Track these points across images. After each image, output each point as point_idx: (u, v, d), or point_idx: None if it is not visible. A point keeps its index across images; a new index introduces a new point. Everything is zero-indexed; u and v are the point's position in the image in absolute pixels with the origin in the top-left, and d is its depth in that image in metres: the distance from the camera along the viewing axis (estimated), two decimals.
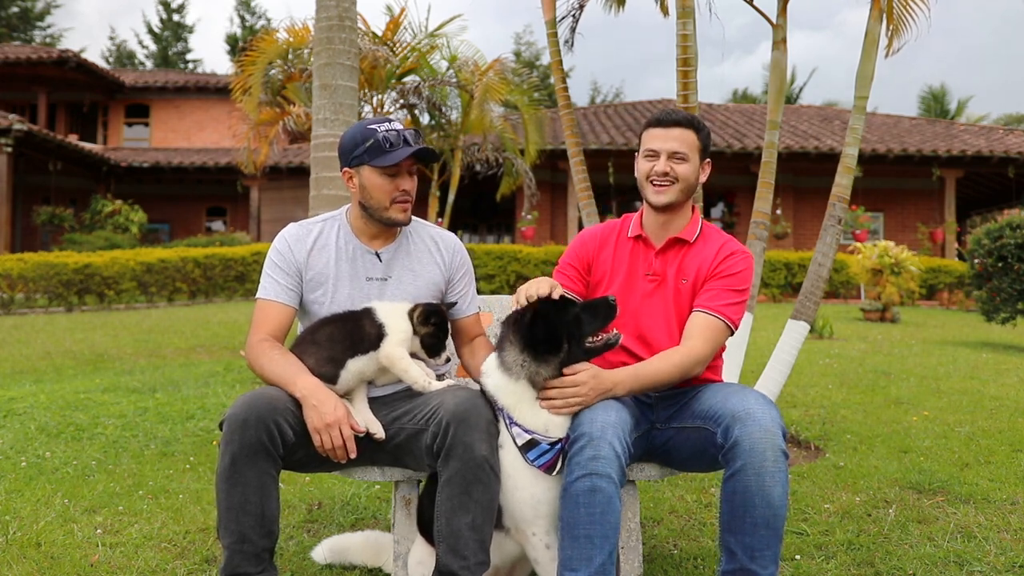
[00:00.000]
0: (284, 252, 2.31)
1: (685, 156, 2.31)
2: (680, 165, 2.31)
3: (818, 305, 4.03)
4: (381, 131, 2.22)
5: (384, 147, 2.21)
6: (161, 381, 5.77)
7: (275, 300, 2.28)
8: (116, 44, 38.81)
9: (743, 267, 2.31)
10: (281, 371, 2.12)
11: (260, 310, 2.28)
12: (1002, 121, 30.93)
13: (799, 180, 18.51)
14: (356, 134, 2.26)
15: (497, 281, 14.73)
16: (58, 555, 2.62)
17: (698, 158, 2.35)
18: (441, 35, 11.15)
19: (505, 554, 2.19)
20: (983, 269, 9.53)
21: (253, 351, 2.21)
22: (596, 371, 2.10)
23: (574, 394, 2.06)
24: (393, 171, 2.24)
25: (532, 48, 36.84)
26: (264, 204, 20.14)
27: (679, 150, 2.31)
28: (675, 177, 2.31)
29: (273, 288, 2.28)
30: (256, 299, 2.32)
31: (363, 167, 2.25)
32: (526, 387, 2.08)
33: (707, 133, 2.38)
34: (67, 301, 13.30)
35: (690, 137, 2.32)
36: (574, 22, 4.93)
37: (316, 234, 2.34)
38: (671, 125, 2.34)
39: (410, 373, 2.20)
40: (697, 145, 2.34)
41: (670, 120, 2.34)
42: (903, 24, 4.30)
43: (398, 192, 2.26)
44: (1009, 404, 5.01)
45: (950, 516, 2.98)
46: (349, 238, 2.34)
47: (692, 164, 2.33)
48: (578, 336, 2.09)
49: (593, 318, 2.11)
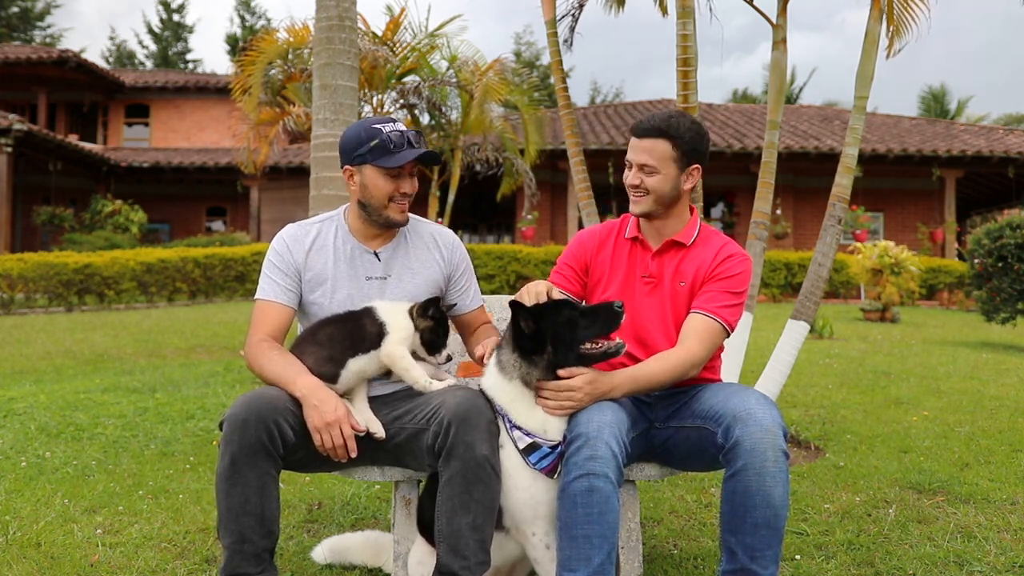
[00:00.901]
0: (283, 253, 2.30)
1: (654, 168, 2.25)
2: (649, 177, 2.25)
3: (818, 305, 4.03)
4: (386, 131, 2.22)
5: (389, 148, 2.21)
6: (161, 381, 5.77)
7: (274, 301, 2.27)
8: (116, 44, 38.85)
9: (741, 269, 2.29)
10: (281, 371, 2.12)
11: (259, 311, 2.28)
12: (1002, 121, 30.93)
13: (799, 180, 18.51)
14: (360, 132, 2.26)
15: (497, 281, 14.73)
16: (58, 555, 2.62)
17: (674, 168, 2.26)
18: (441, 35, 11.15)
19: (506, 554, 2.19)
20: (983, 269, 9.52)
21: (252, 351, 2.21)
22: (594, 376, 2.07)
23: (568, 397, 2.06)
24: (396, 172, 2.24)
25: (532, 48, 36.88)
26: (264, 204, 20.14)
27: (647, 162, 2.25)
28: (645, 189, 2.27)
29: (272, 289, 2.28)
30: (255, 300, 2.32)
31: (366, 166, 2.25)
32: (520, 387, 2.08)
33: (689, 139, 2.25)
34: (67, 301, 13.30)
35: (661, 147, 2.24)
36: (574, 22, 4.93)
37: (314, 235, 2.34)
38: (641, 135, 2.26)
39: (411, 373, 2.19)
40: (671, 155, 2.24)
41: (640, 129, 2.26)
42: (904, 24, 4.30)
43: (398, 194, 2.26)
44: (1009, 404, 5.01)
45: (950, 516, 2.98)
46: (347, 238, 2.34)
47: (664, 175, 2.25)
48: (569, 339, 2.05)
49: (592, 323, 2.07)
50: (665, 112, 2.30)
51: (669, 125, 2.25)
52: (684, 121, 2.27)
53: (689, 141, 2.26)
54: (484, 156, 13.07)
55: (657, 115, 2.29)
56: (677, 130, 2.25)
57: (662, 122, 2.25)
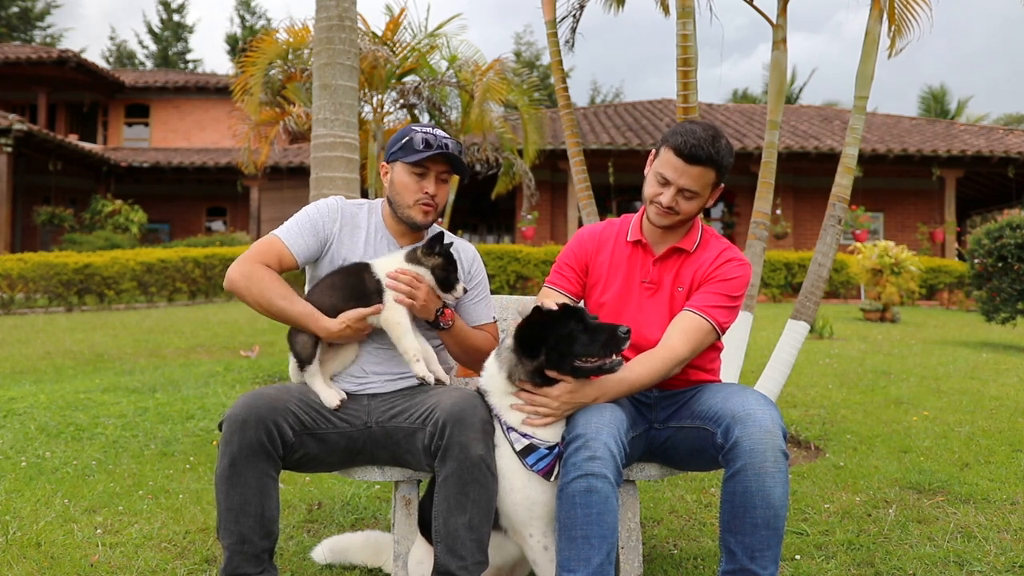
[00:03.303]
0: (324, 213, 2.33)
1: (697, 194, 2.22)
2: (688, 202, 2.22)
3: (818, 305, 4.03)
4: (420, 131, 2.29)
5: (417, 146, 2.27)
6: (161, 381, 5.77)
7: (287, 245, 2.27)
8: (116, 44, 38.87)
9: (739, 274, 2.28)
10: (303, 309, 2.19)
11: (268, 244, 2.27)
12: (1002, 121, 30.93)
13: (799, 180, 18.50)
14: (400, 132, 2.35)
15: (497, 281, 14.73)
16: (58, 555, 2.62)
17: (710, 191, 2.25)
18: (441, 35, 11.15)
19: (505, 555, 2.19)
20: (983, 269, 9.52)
21: (257, 272, 2.20)
22: (575, 386, 2.05)
23: (543, 404, 2.05)
24: (420, 171, 2.29)
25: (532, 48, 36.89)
26: (264, 204, 20.13)
27: (691, 188, 2.19)
28: (678, 211, 2.24)
29: (293, 234, 2.29)
30: (271, 233, 2.30)
31: (396, 163, 2.32)
32: (505, 379, 2.09)
33: (728, 166, 2.22)
34: (67, 301, 13.30)
35: (708, 177, 2.20)
36: (575, 22, 4.94)
37: (355, 215, 2.38)
38: (693, 163, 2.17)
39: (403, 342, 2.22)
40: (713, 181, 2.23)
41: (694, 158, 2.16)
42: (904, 24, 4.30)
43: (422, 194, 2.29)
44: (1009, 404, 5.01)
45: (950, 516, 2.98)
46: (380, 227, 2.39)
47: (701, 199, 2.24)
48: (566, 352, 2.03)
49: (592, 342, 2.03)
50: (709, 135, 2.19)
51: (717, 153, 2.18)
52: (726, 145, 2.22)
53: (727, 167, 2.24)
54: (484, 156, 13.06)
55: (705, 140, 2.17)
56: (722, 157, 2.20)
57: (713, 151, 2.17)
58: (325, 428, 2.16)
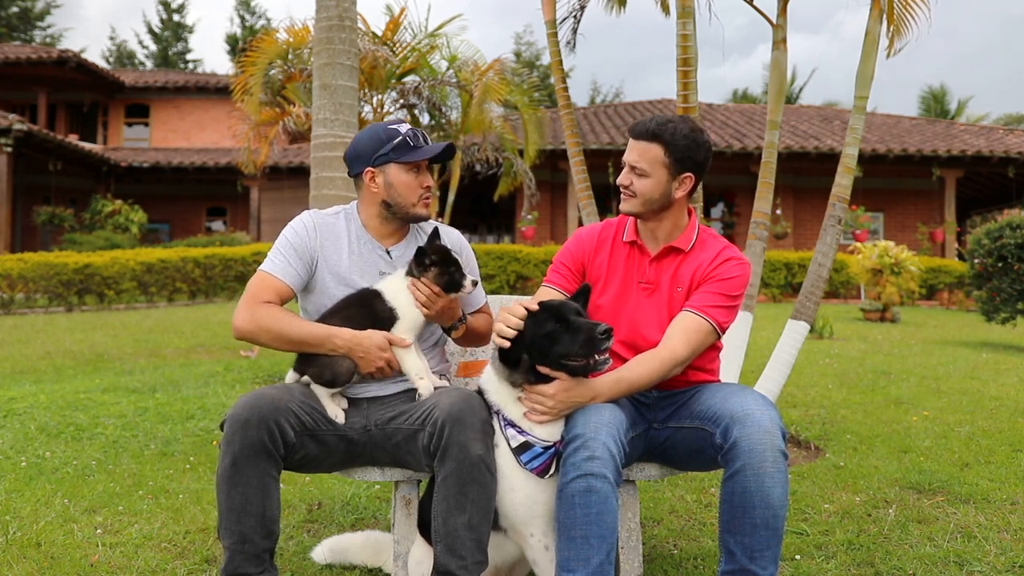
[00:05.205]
0: (302, 235, 2.30)
1: (644, 171, 2.21)
2: (639, 179, 2.23)
3: (818, 305, 4.03)
4: (403, 130, 2.28)
5: (411, 144, 2.27)
6: (161, 381, 5.77)
7: (280, 278, 2.25)
8: (116, 44, 38.86)
9: (738, 273, 2.26)
10: (312, 329, 2.18)
11: (261, 281, 2.24)
12: (1002, 121, 30.93)
13: (799, 180, 18.51)
14: (379, 133, 2.30)
15: (497, 281, 14.73)
16: (58, 555, 2.62)
17: (664, 174, 2.21)
18: (441, 35, 11.14)
19: (505, 554, 2.20)
20: (983, 269, 9.52)
21: (260, 313, 2.18)
22: (571, 384, 2.06)
23: (540, 403, 2.06)
24: (418, 168, 2.29)
25: (532, 48, 36.89)
26: (264, 204, 20.14)
27: (638, 164, 2.21)
28: (633, 191, 2.24)
29: (281, 265, 2.26)
30: (260, 270, 2.28)
31: (389, 165, 2.28)
32: (508, 386, 2.11)
33: (683, 147, 2.20)
34: (67, 301, 13.30)
35: (654, 151, 2.20)
36: (575, 23, 4.94)
37: (332, 225, 2.36)
38: (637, 136, 2.22)
39: (407, 363, 2.23)
40: (662, 160, 2.20)
41: (636, 131, 2.22)
42: (904, 24, 4.30)
43: (423, 189, 2.31)
44: (1009, 404, 5.01)
45: (950, 516, 2.98)
46: (361, 233, 2.36)
47: (654, 180, 2.22)
48: (547, 351, 2.03)
49: (572, 342, 2.02)
50: (665, 116, 2.24)
51: (664, 130, 2.19)
52: (682, 127, 2.21)
53: (683, 148, 2.20)
54: (484, 156, 13.06)
55: (656, 117, 2.23)
56: (672, 136, 2.19)
57: (658, 126, 2.20)
58: (325, 430, 2.17)
